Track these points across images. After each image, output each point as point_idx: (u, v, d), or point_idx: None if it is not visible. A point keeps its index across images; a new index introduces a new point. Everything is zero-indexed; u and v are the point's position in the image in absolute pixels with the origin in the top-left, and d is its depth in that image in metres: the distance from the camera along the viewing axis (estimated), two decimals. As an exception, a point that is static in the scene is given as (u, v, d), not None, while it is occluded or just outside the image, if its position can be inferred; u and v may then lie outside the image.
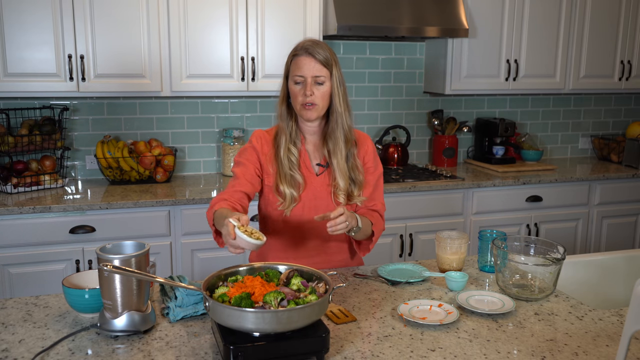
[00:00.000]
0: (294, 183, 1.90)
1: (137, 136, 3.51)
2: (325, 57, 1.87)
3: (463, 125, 4.04)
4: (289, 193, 1.89)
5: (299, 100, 1.87)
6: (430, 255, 3.40)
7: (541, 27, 3.79)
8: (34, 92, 3.02)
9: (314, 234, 1.97)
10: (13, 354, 1.41)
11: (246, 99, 3.65)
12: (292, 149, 1.92)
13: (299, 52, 1.89)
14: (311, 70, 1.85)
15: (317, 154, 1.98)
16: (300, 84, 1.87)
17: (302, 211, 1.94)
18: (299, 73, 1.86)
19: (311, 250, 1.99)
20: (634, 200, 3.92)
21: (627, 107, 4.57)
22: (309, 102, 1.86)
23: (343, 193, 1.94)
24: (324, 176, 1.97)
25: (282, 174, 1.90)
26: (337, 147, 1.93)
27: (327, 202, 1.95)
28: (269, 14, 3.26)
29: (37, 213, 2.81)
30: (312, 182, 1.95)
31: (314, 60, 1.86)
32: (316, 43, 1.89)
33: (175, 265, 3.07)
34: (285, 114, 1.94)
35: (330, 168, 1.96)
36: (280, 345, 1.33)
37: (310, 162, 1.97)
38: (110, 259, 1.46)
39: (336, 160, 1.93)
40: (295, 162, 1.92)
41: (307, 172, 1.95)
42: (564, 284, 1.98)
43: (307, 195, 1.93)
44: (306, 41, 1.91)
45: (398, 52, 3.92)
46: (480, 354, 1.43)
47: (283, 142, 1.92)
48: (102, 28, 3.03)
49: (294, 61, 1.90)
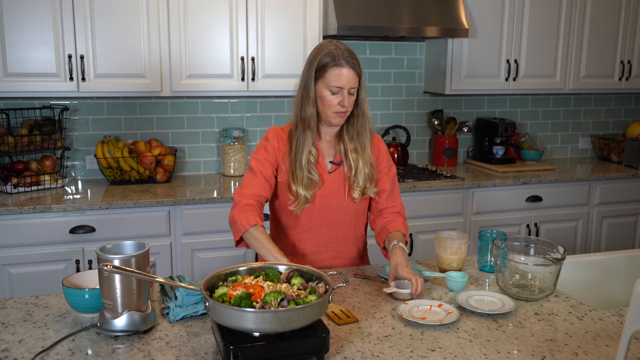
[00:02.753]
0: (310, 184, 1.92)
1: (137, 136, 3.51)
2: (360, 68, 1.90)
3: (463, 125, 4.04)
4: (303, 194, 1.91)
5: (335, 108, 1.88)
6: (430, 255, 3.40)
7: (541, 27, 3.79)
8: (34, 92, 3.02)
9: (324, 232, 1.99)
10: (13, 354, 1.41)
11: (246, 99, 3.65)
12: (313, 150, 1.93)
13: (339, 63, 1.86)
14: (350, 82, 1.87)
15: (330, 152, 2.00)
16: (338, 93, 1.87)
17: (313, 208, 1.96)
18: (339, 84, 1.86)
19: (321, 247, 2.01)
20: (634, 200, 3.92)
21: (627, 107, 4.57)
22: (343, 110, 1.89)
23: (359, 189, 1.97)
24: (336, 174, 1.99)
25: (299, 177, 1.91)
26: (364, 151, 1.97)
27: (338, 199, 1.97)
28: (269, 14, 3.26)
29: (37, 213, 2.81)
30: (325, 179, 1.97)
31: (353, 73, 1.87)
32: (352, 54, 1.90)
33: (175, 265, 3.07)
34: (313, 114, 1.91)
35: (344, 165, 1.98)
36: (280, 345, 1.33)
37: (323, 160, 1.99)
38: (110, 259, 1.46)
39: (362, 161, 1.96)
40: (314, 162, 1.94)
41: (320, 169, 1.97)
42: (564, 284, 1.98)
43: (320, 192, 1.96)
44: (344, 50, 1.89)
45: (398, 52, 3.92)
46: (480, 354, 1.43)
47: (307, 144, 1.91)
48: (102, 28, 3.03)
49: (333, 70, 1.86)
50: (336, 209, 1.98)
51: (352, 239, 2.06)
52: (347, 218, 2.01)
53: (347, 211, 1.99)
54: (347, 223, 2.01)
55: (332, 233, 2.00)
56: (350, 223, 2.02)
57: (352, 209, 2.00)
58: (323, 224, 1.98)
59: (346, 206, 1.98)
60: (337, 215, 1.99)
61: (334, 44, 1.91)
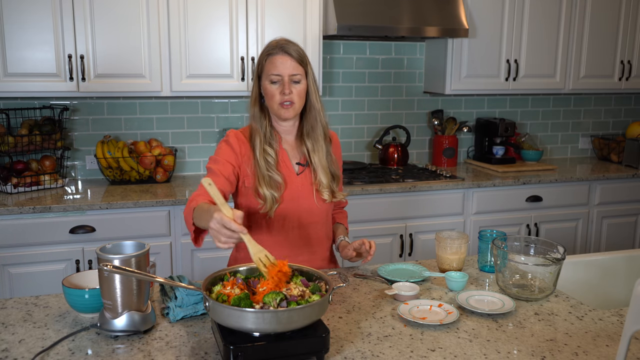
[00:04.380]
0: (273, 184, 1.87)
1: (137, 136, 3.51)
2: (300, 54, 1.86)
3: (463, 125, 4.04)
4: (269, 194, 1.86)
5: (277, 99, 1.85)
6: (430, 255, 3.40)
7: (541, 27, 3.79)
8: (34, 92, 3.02)
9: (297, 234, 1.96)
10: (13, 354, 1.41)
11: (246, 99, 3.65)
12: (268, 149, 1.89)
13: (273, 51, 1.86)
14: (288, 69, 1.84)
15: (296, 153, 1.97)
16: (277, 82, 1.85)
17: (284, 211, 1.92)
18: (276, 72, 1.84)
19: (295, 250, 1.97)
20: (634, 200, 3.92)
21: (627, 107, 4.57)
22: (287, 100, 1.84)
23: (327, 190, 1.94)
24: (304, 175, 1.95)
25: (261, 176, 1.87)
26: (318, 145, 1.93)
27: (309, 201, 1.94)
28: (269, 14, 3.26)
29: (37, 213, 2.81)
30: (293, 181, 1.93)
31: (290, 58, 1.84)
32: (289, 41, 1.88)
33: (175, 265, 3.07)
34: (258, 115, 1.91)
35: (311, 166, 1.95)
36: (280, 345, 1.33)
37: (290, 162, 1.95)
38: (110, 259, 1.46)
39: (317, 157, 1.93)
40: (273, 163, 1.89)
41: (287, 171, 1.93)
42: (564, 284, 1.98)
43: (289, 194, 1.91)
44: (280, 40, 1.88)
45: (398, 52, 3.92)
46: (480, 354, 1.43)
47: (258, 143, 1.89)
48: (102, 28, 3.03)
49: (268, 60, 1.86)
50: (308, 210, 1.94)
51: (324, 238, 2.04)
52: (319, 219, 1.98)
53: (318, 212, 1.97)
54: (319, 224, 1.99)
55: (305, 235, 1.97)
56: (322, 223, 2.00)
57: (323, 210, 1.98)
58: (296, 227, 1.94)
59: (316, 207, 1.95)
60: (309, 216, 1.95)
61: (276, 40, 1.89)
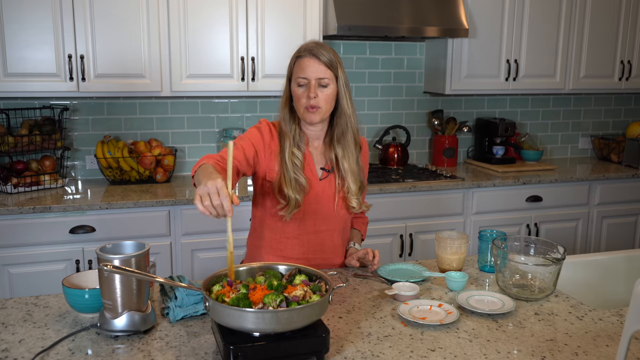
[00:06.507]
0: (299, 188, 1.86)
1: (137, 136, 3.51)
2: (330, 58, 1.83)
3: (463, 125, 4.04)
4: (294, 198, 1.84)
5: (302, 102, 1.83)
6: (430, 255, 3.40)
7: (541, 27, 3.79)
8: (34, 92, 3.02)
9: (312, 239, 1.95)
10: (13, 354, 1.41)
11: (246, 99, 3.65)
12: (296, 152, 1.87)
13: (302, 54, 1.85)
14: (315, 72, 1.82)
15: (322, 158, 1.95)
16: (304, 86, 1.83)
17: (302, 215, 1.91)
18: (302, 75, 1.82)
19: (309, 254, 1.96)
20: (634, 200, 3.92)
21: (627, 107, 4.57)
22: (312, 104, 1.82)
23: (355, 197, 1.92)
24: (327, 181, 1.94)
25: (287, 178, 1.85)
26: (348, 151, 1.91)
27: (327, 207, 1.93)
28: (269, 14, 3.26)
29: (37, 213, 2.81)
30: (314, 186, 1.92)
31: (317, 62, 1.82)
32: (320, 45, 1.85)
33: (175, 265, 3.07)
34: (288, 117, 1.90)
35: (335, 173, 1.94)
36: (280, 345, 1.33)
37: (314, 166, 1.94)
38: (110, 259, 1.46)
39: (347, 163, 1.91)
40: (300, 165, 1.88)
41: (310, 175, 1.92)
42: (564, 284, 1.98)
43: (308, 199, 1.90)
44: (310, 43, 1.87)
45: (398, 52, 3.92)
46: (480, 354, 1.43)
47: (287, 146, 1.87)
48: (102, 28, 3.03)
49: (297, 63, 1.85)
50: (325, 217, 1.93)
51: (340, 246, 2.02)
52: (335, 226, 1.97)
53: (335, 220, 1.95)
54: (335, 231, 1.97)
55: (319, 241, 1.95)
56: (338, 231, 1.98)
57: (341, 218, 1.96)
58: (311, 232, 1.93)
59: (334, 215, 1.94)
60: (325, 223, 1.94)
61: (307, 42, 1.88)
